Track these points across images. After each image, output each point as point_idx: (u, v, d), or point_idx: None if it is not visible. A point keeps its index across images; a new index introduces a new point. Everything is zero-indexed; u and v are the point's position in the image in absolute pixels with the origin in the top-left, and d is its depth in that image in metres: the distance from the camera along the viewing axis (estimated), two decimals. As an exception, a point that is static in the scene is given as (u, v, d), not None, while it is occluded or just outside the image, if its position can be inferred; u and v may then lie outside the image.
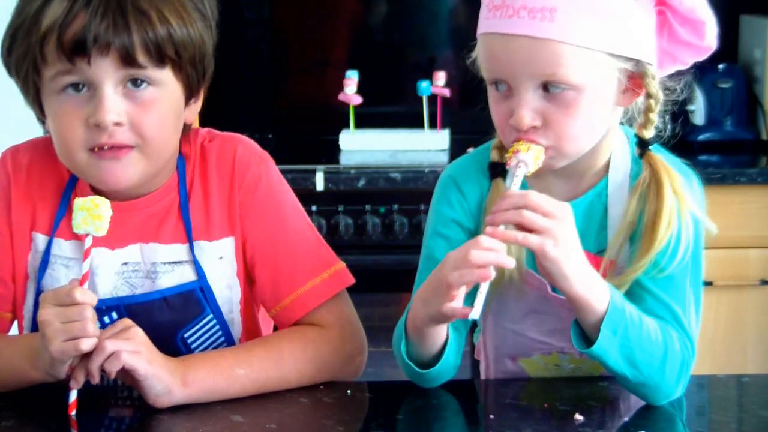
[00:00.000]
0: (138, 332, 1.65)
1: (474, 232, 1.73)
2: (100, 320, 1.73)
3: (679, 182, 1.69)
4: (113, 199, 1.72)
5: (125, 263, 1.78)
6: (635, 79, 1.66)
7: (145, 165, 1.72)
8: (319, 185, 3.04)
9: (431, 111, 3.33)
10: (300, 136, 3.54)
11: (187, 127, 1.80)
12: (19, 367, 1.70)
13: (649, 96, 1.68)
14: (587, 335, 1.64)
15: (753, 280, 3.20)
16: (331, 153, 3.28)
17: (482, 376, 1.85)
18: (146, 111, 1.69)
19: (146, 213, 1.78)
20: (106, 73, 1.66)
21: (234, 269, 1.80)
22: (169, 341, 1.76)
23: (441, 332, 1.67)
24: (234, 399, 1.69)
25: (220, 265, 1.79)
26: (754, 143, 3.49)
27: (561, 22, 1.59)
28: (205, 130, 1.85)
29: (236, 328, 1.81)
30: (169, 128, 1.73)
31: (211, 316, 1.78)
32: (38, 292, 1.77)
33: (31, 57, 1.68)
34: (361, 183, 3.06)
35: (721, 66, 3.47)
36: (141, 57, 1.66)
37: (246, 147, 1.82)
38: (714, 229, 1.71)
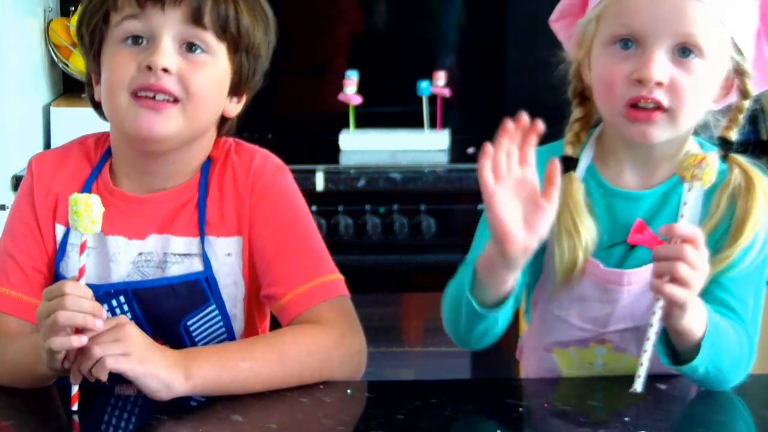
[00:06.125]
0: (131, 331, 1.66)
1: None
2: (109, 303, 1.79)
3: (766, 185, 1.74)
4: (145, 178, 1.82)
5: (140, 253, 1.82)
6: (730, 78, 1.73)
7: (183, 122, 1.77)
8: (319, 185, 3.04)
9: (431, 111, 3.32)
10: (300, 136, 3.53)
11: (224, 122, 1.85)
12: (26, 361, 1.72)
13: (744, 96, 1.74)
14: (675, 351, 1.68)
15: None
16: (331, 153, 3.27)
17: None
18: (196, 69, 1.76)
19: (165, 207, 1.83)
20: (170, 25, 1.75)
21: (240, 267, 1.83)
22: (173, 328, 1.80)
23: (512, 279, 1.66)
24: (234, 398, 1.69)
25: (227, 261, 1.82)
26: (754, 143, 3.48)
27: None
28: (235, 140, 1.90)
29: (238, 324, 1.84)
30: (214, 93, 1.79)
31: (214, 307, 1.82)
32: (57, 280, 1.81)
33: (105, 4, 1.77)
34: (361, 183, 3.06)
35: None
36: (207, 18, 1.74)
37: (264, 156, 1.87)
38: None
